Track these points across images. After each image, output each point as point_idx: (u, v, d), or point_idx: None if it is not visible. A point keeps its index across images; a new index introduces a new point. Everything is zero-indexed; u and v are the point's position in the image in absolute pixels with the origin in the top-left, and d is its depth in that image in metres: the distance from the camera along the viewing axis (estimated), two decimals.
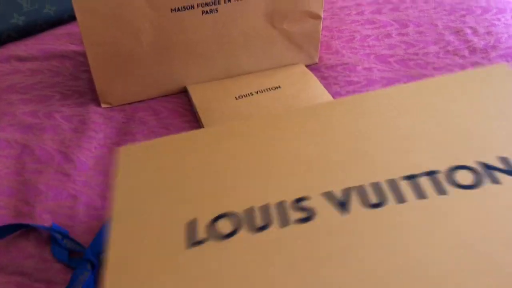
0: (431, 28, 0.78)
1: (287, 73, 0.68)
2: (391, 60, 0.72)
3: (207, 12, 0.61)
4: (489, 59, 0.71)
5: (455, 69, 0.70)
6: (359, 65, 0.71)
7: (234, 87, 0.65)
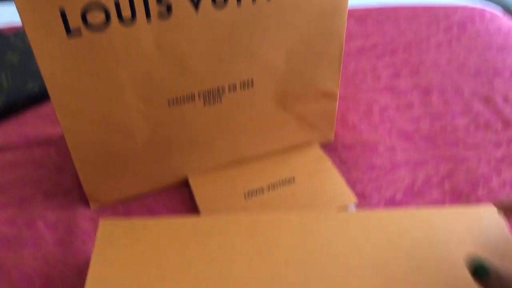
0: (457, 96, 0.71)
1: (301, 159, 0.60)
2: (415, 137, 0.64)
3: (210, 103, 0.53)
4: None
5: (489, 146, 0.62)
6: (380, 144, 0.63)
7: (241, 179, 0.57)
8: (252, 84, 0.53)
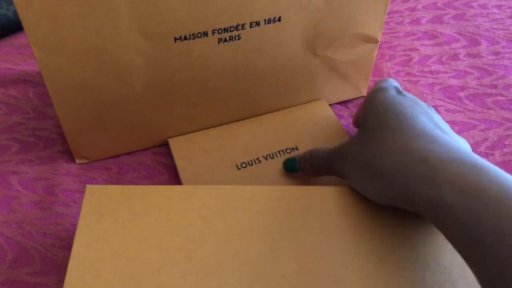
0: (510, 47, 0.60)
1: (309, 126, 0.50)
2: (461, 95, 0.54)
3: (225, 40, 0.42)
4: None
5: None
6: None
7: (238, 144, 0.48)
8: (279, 19, 0.43)
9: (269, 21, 0.42)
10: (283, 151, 0.47)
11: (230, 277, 0.32)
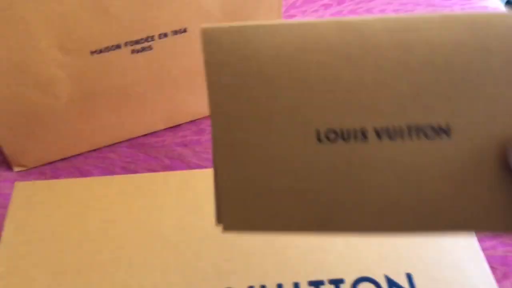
0: None
1: None
2: None
3: (138, 51, 0.48)
4: None
5: None
6: None
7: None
8: (185, 30, 0.49)
9: (175, 32, 0.49)
10: None
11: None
